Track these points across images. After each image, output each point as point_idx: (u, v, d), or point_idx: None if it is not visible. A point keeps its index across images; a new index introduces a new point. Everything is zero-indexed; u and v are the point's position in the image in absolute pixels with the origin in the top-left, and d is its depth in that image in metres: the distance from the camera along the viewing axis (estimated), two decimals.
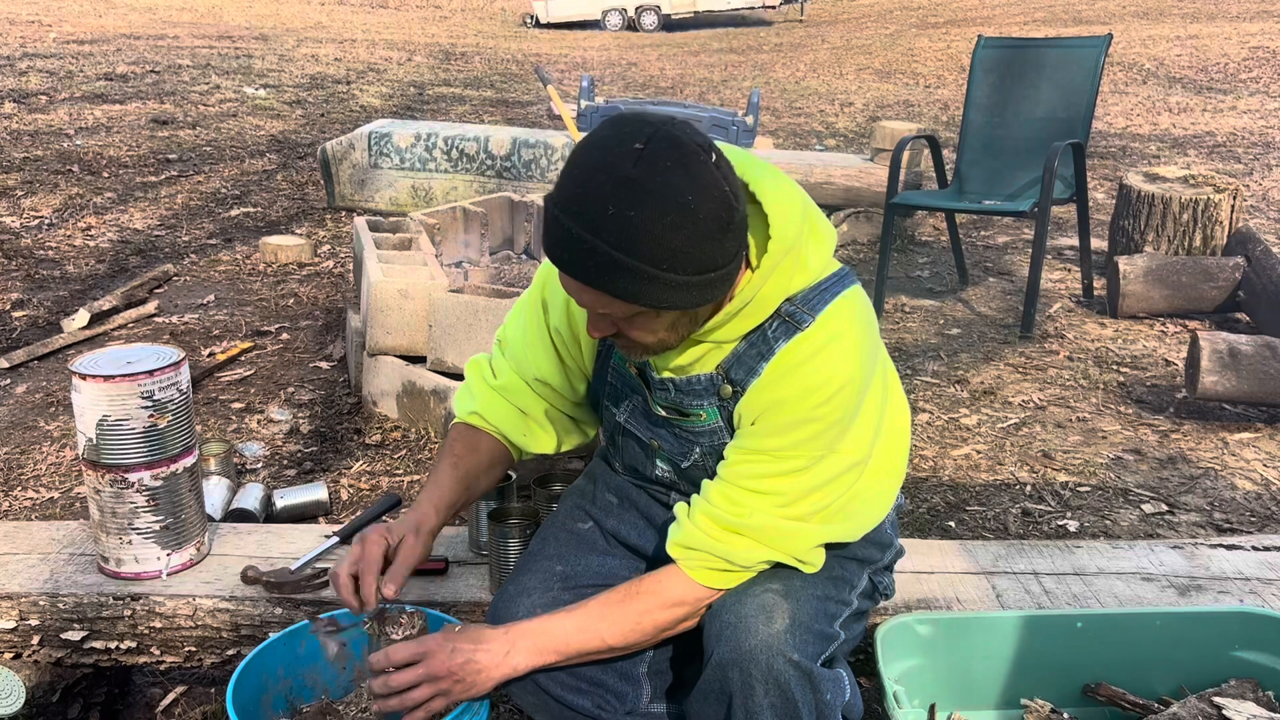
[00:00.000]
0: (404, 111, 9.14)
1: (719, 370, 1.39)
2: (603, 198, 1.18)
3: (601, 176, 1.18)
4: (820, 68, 13.21)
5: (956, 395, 3.49)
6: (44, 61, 10.62)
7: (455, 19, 21.10)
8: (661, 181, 1.17)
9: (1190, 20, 15.61)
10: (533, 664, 1.39)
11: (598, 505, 1.66)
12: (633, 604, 1.40)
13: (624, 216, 1.17)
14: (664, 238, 1.18)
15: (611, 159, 1.19)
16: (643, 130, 1.20)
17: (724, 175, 1.22)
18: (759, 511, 1.35)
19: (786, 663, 1.31)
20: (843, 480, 1.39)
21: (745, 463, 1.37)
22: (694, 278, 1.22)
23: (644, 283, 1.21)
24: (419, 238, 3.57)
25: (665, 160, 1.18)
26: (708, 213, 1.20)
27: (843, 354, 1.34)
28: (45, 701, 1.85)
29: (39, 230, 5.30)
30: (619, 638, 1.40)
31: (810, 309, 1.35)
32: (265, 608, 1.77)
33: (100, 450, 1.73)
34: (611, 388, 1.55)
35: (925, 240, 5.41)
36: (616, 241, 1.18)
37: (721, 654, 1.34)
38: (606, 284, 1.22)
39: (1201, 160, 7.09)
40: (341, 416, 3.29)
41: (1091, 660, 1.68)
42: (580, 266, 1.22)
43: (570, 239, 1.21)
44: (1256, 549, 2.00)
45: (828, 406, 1.33)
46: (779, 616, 1.34)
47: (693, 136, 1.22)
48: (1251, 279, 3.97)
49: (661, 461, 1.54)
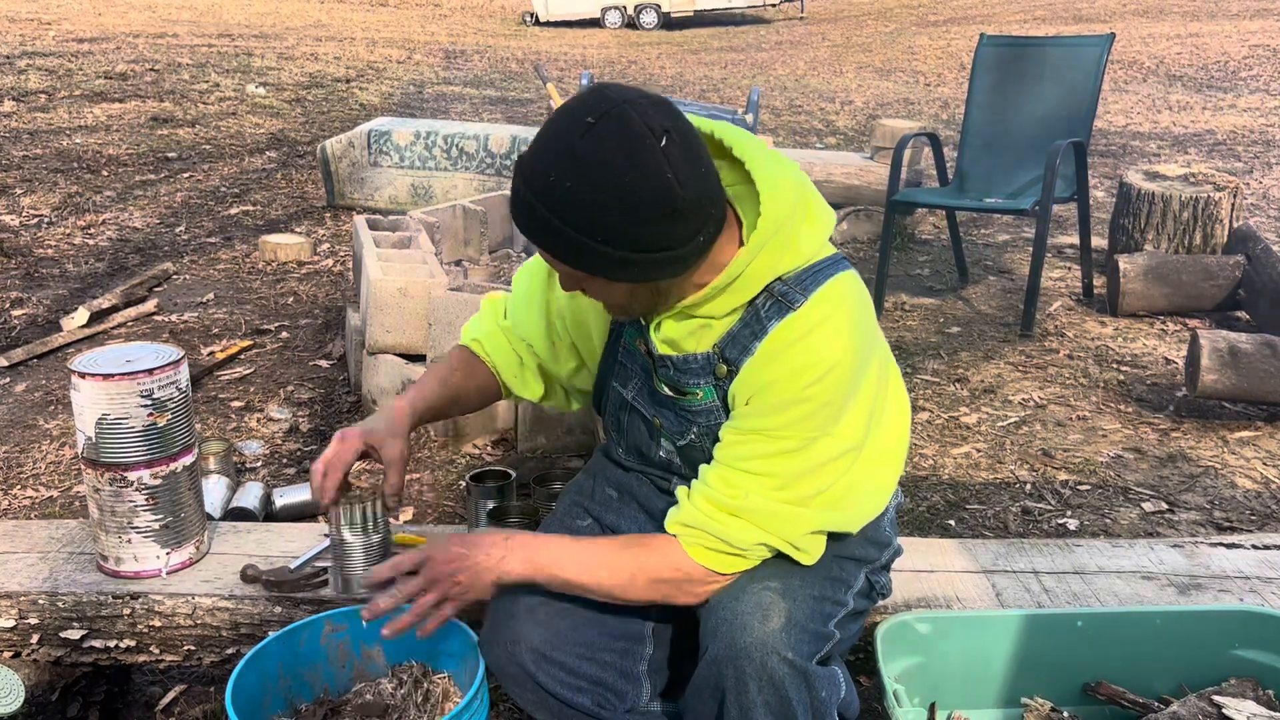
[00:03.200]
0: (403, 110, 9.14)
1: (715, 349, 1.40)
2: (546, 165, 1.23)
3: (552, 144, 1.23)
4: (820, 66, 13.20)
5: (956, 394, 3.49)
6: (43, 60, 10.61)
7: (455, 17, 21.09)
8: (600, 160, 1.21)
9: (1190, 18, 15.61)
10: (524, 573, 1.41)
11: (596, 501, 1.66)
12: (635, 551, 1.42)
13: (561, 186, 1.22)
14: (596, 213, 1.22)
15: (564, 128, 1.23)
16: (599, 106, 1.23)
17: (671, 162, 1.22)
18: (754, 493, 1.36)
19: (781, 661, 1.31)
20: (837, 465, 1.39)
21: (739, 444, 1.38)
22: (634, 254, 1.25)
23: (580, 251, 1.26)
24: (418, 236, 3.56)
25: (609, 140, 1.21)
26: (644, 197, 1.22)
27: (834, 334, 1.35)
28: (45, 700, 1.85)
29: (38, 229, 5.30)
30: (613, 581, 1.41)
31: (803, 289, 1.35)
32: (264, 606, 1.76)
33: (99, 449, 1.72)
34: (621, 366, 1.56)
35: (925, 239, 5.41)
36: (552, 207, 1.24)
37: (716, 650, 1.34)
38: (549, 245, 1.28)
39: (1201, 158, 7.09)
40: (341, 415, 3.29)
41: (1091, 659, 1.68)
42: (526, 225, 1.29)
43: (519, 198, 1.27)
44: (1257, 547, 1.99)
45: (818, 386, 1.33)
46: (775, 615, 1.34)
47: (648, 120, 1.22)
48: (1251, 277, 3.97)
49: (665, 440, 1.55)
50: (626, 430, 1.61)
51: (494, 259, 4.06)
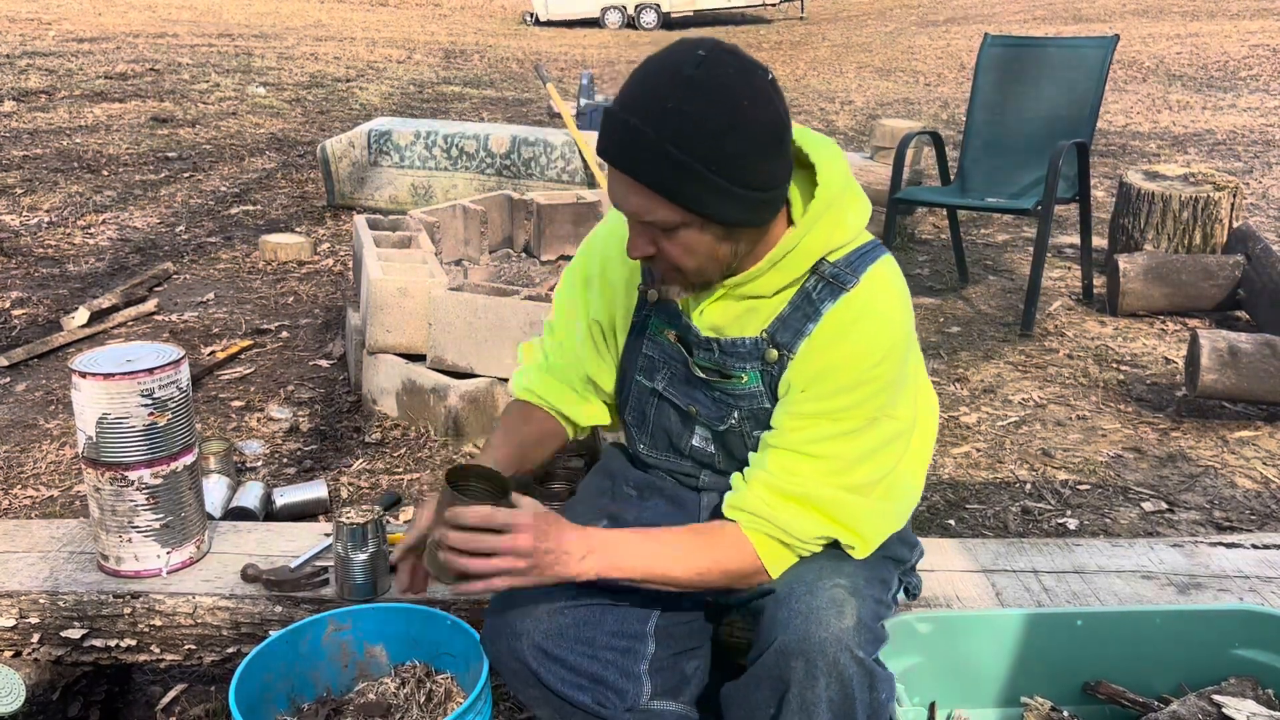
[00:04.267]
0: (404, 110, 9.14)
1: (764, 334, 1.41)
2: (662, 93, 1.21)
3: (663, 75, 1.22)
4: (820, 65, 13.20)
5: (956, 393, 3.49)
6: (44, 60, 10.62)
7: (455, 17, 21.09)
8: (721, 84, 1.21)
9: (1190, 18, 15.61)
10: (602, 572, 1.35)
11: (617, 501, 1.64)
12: (707, 543, 1.40)
13: (681, 111, 1.20)
14: (718, 138, 1.21)
15: (674, 61, 1.23)
16: (705, 42, 1.24)
17: (779, 96, 1.27)
18: (815, 479, 1.35)
19: (852, 659, 1.30)
20: (894, 449, 1.40)
21: (800, 429, 1.37)
22: (741, 190, 1.25)
23: (694, 182, 1.23)
24: (418, 236, 3.57)
25: (727, 67, 1.22)
26: (762, 124, 1.23)
27: (891, 312, 1.37)
28: (45, 699, 1.85)
29: (39, 228, 5.30)
30: (687, 573, 1.38)
31: (853, 270, 1.37)
32: (265, 606, 1.77)
33: (100, 448, 1.72)
34: (646, 359, 1.56)
35: (925, 238, 5.41)
36: (672, 135, 1.21)
37: (786, 641, 1.32)
38: (657, 179, 1.24)
39: (1201, 158, 7.09)
40: (341, 415, 3.29)
41: (1091, 658, 1.68)
42: (630, 159, 1.24)
43: (627, 131, 1.23)
44: (1256, 547, 2.00)
45: (882, 367, 1.35)
46: (850, 613, 1.34)
47: (750, 56, 1.26)
48: (1251, 277, 3.97)
49: (700, 428, 1.54)
50: (654, 422, 1.60)
51: (494, 259, 4.07)
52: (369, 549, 1.72)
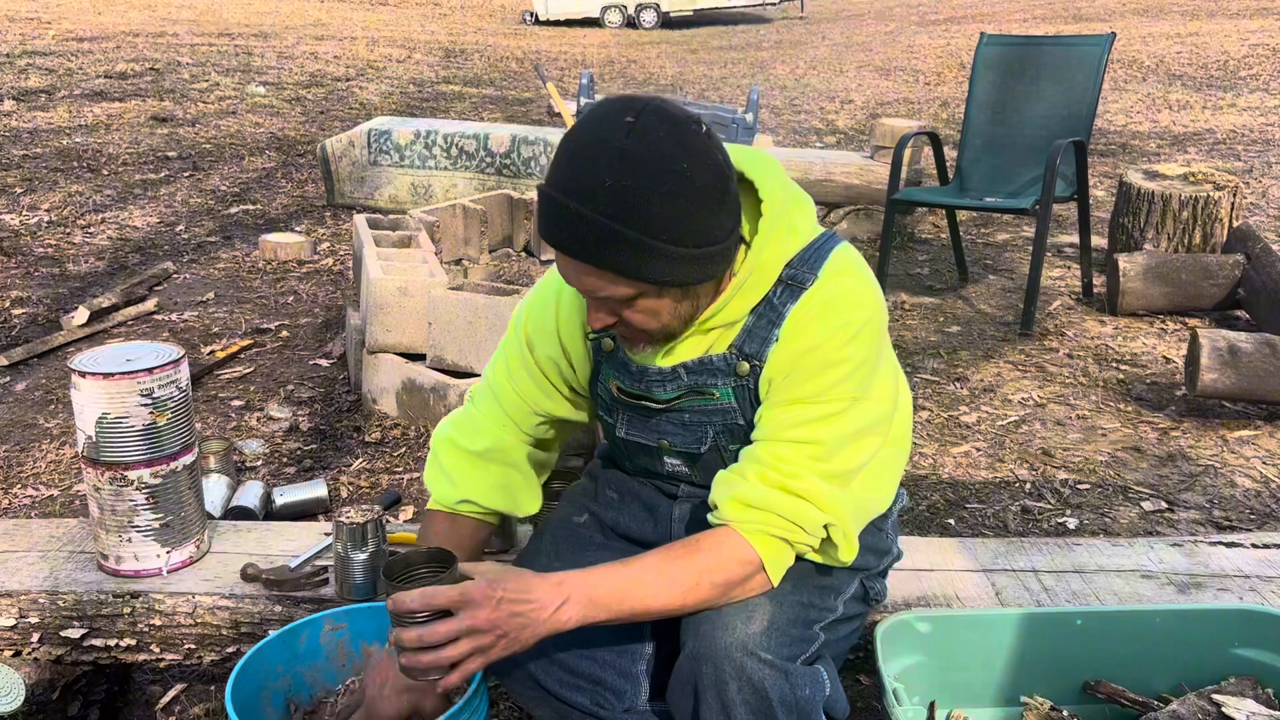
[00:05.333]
0: (403, 109, 9.14)
1: (732, 350, 1.39)
2: (598, 171, 1.18)
3: (595, 151, 1.19)
4: (820, 65, 13.20)
5: (956, 392, 3.49)
6: (43, 59, 10.61)
7: (455, 16, 21.09)
8: (656, 153, 1.18)
9: (1190, 17, 15.60)
10: (583, 619, 1.29)
11: (599, 501, 1.65)
12: (691, 558, 1.33)
13: (621, 187, 1.17)
14: (662, 207, 1.19)
15: (603, 134, 1.19)
16: (631, 105, 1.21)
17: (715, 145, 1.24)
18: (806, 469, 1.33)
19: (759, 662, 1.30)
20: (874, 436, 1.39)
21: (783, 415, 1.36)
22: (693, 250, 1.23)
23: (644, 255, 1.21)
24: (418, 235, 3.57)
25: (658, 131, 1.19)
26: (703, 181, 1.21)
27: (855, 293, 1.36)
28: (45, 699, 1.85)
29: (38, 228, 5.30)
30: (675, 597, 1.32)
31: (810, 268, 1.36)
32: (265, 605, 1.77)
33: (100, 448, 1.72)
34: (602, 401, 1.54)
35: (925, 238, 5.41)
36: (615, 213, 1.18)
37: (695, 647, 1.34)
38: (607, 260, 1.21)
39: (1201, 157, 7.09)
40: (341, 414, 3.29)
41: (1091, 658, 1.68)
42: (579, 243, 1.21)
43: (568, 216, 1.20)
44: (1256, 546, 1.99)
45: (854, 345, 1.34)
46: (759, 617, 1.34)
47: (681, 109, 1.23)
48: (1251, 276, 3.97)
49: (670, 458, 1.53)
50: (629, 456, 1.59)
51: (494, 258, 4.07)
52: (369, 548, 1.72)
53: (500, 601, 1.24)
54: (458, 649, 1.22)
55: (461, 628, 1.22)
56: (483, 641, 1.23)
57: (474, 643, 1.23)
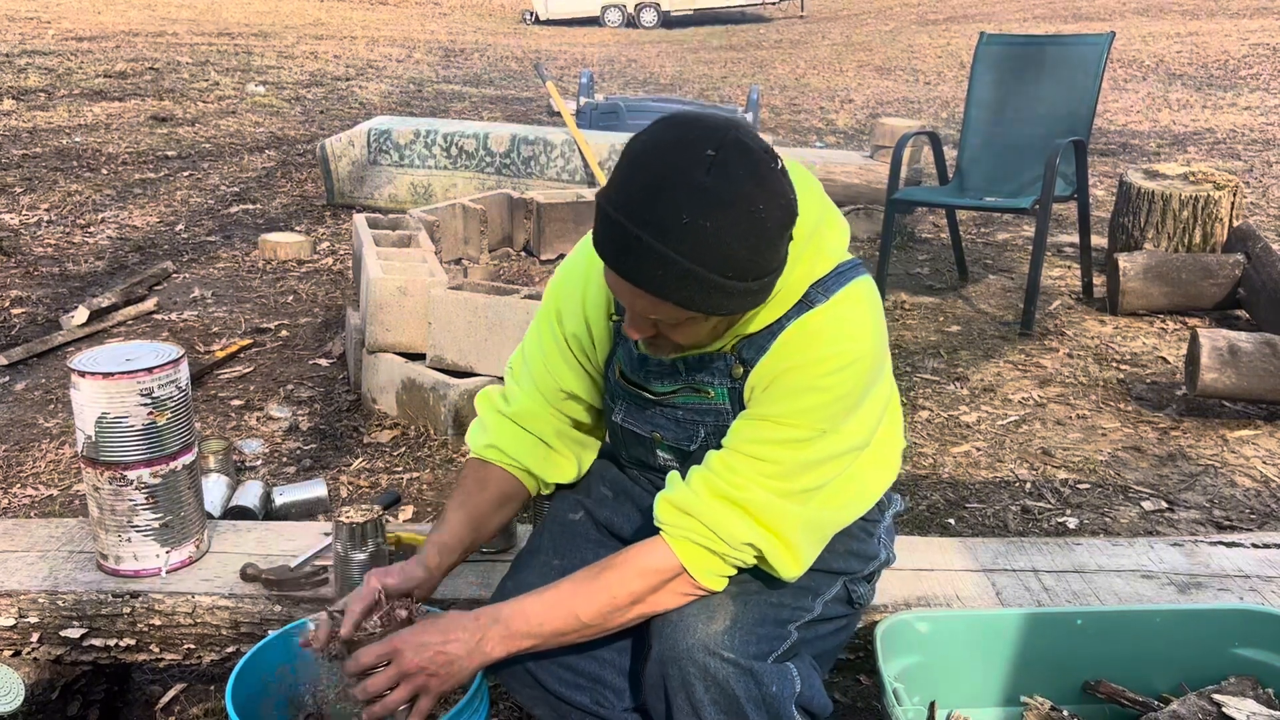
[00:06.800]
0: (403, 108, 9.14)
1: (732, 351, 1.39)
2: (675, 205, 1.15)
3: (672, 183, 1.15)
4: (820, 64, 13.20)
5: (956, 392, 3.49)
6: (43, 59, 10.61)
7: (454, 15, 21.09)
8: (735, 192, 1.16)
9: (1190, 17, 15.61)
10: (508, 649, 1.35)
11: (592, 498, 1.65)
12: (606, 575, 1.36)
13: (697, 225, 1.15)
14: (735, 248, 1.17)
15: (683, 165, 1.16)
16: (712, 136, 1.17)
17: (788, 181, 1.23)
18: (754, 483, 1.32)
19: (723, 662, 1.30)
20: (839, 462, 1.37)
21: (747, 429, 1.35)
22: (753, 283, 1.22)
23: (708, 290, 1.20)
24: (418, 235, 3.57)
25: (739, 169, 1.17)
26: (775, 221, 1.20)
27: (856, 327, 1.34)
28: (45, 699, 1.85)
29: (38, 227, 5.30)
30: (593, 613, 1.35)
31: (825, 290, 1.35)
32: (264, 605, 1.76)
33: (99, 447, 1.72)
34: (609, 383, 1.55)
35: (925, 237, 5.41)
36: (688, 251, 1.16)
37: (659, 650, 1.35)
38: (670, 294, 1.20)
39: (1201, 157, 7.09)
40: (341, 414, 3.28)
41: (1091, 657, 1.68)
42: (645, 275, 1.19)
43: (638, 247, 1.18)
44: (1256, 546, 1.99)
45: (835, 378, 1.32)
46: (720, 617, 1.33)
47: (758, 142, 1.20)
48: (1251, 276, 3.97)
49: (663, 451, 1.53)
50: (624, 444, 1.60)
51: (494, 258, 4.07)
52: (368, 548, 1.72)
53: (423, 645, 1.33)
54: (399, 693, 1.33)
55: (392, 675, 1.33)
56: (418, 682, 1.33)
57: (411, 685, 1.33)
